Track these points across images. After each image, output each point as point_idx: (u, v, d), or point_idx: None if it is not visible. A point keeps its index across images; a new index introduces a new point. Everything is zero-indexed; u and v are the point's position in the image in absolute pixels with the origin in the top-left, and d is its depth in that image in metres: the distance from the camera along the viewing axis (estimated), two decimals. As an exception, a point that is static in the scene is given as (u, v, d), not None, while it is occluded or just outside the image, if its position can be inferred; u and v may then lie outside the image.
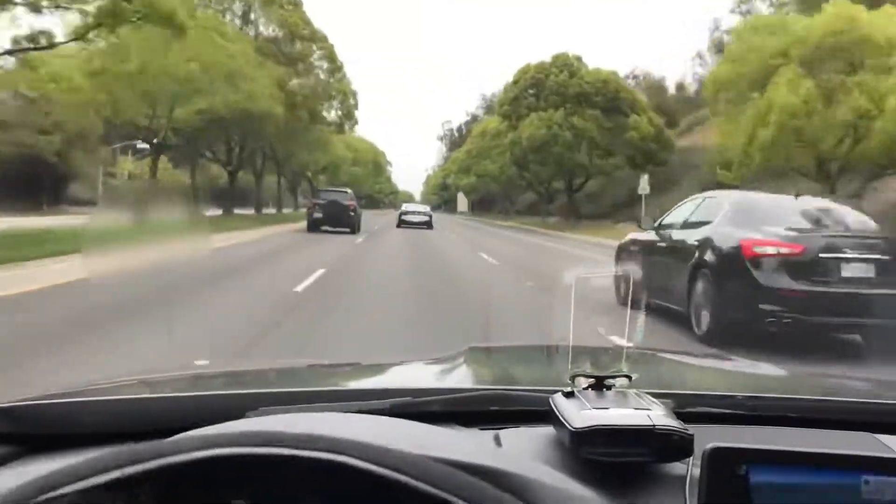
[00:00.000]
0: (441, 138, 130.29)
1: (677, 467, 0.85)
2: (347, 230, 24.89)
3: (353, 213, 25.79)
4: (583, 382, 0.94)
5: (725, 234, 6.86)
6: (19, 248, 12.17)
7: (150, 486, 0.64)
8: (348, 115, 42.37)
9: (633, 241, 9.20)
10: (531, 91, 45.91)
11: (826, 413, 1.12)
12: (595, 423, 0.83)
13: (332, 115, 41.33)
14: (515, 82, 47.11)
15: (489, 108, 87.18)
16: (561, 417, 0.87)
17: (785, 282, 6.24)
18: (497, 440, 0.96)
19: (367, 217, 35.18)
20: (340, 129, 43.16)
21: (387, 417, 0.89)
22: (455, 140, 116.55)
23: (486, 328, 6.84)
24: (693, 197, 8.80)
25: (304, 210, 48.24)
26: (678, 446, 0.83)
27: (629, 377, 0.94)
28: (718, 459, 0.75)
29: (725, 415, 1.10)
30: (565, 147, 43.30)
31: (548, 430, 0.92)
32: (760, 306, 6.23)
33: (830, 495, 0.73)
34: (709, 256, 6.89)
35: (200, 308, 8.00)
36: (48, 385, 1.32)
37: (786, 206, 7.19)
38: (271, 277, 11.73)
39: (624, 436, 0.82)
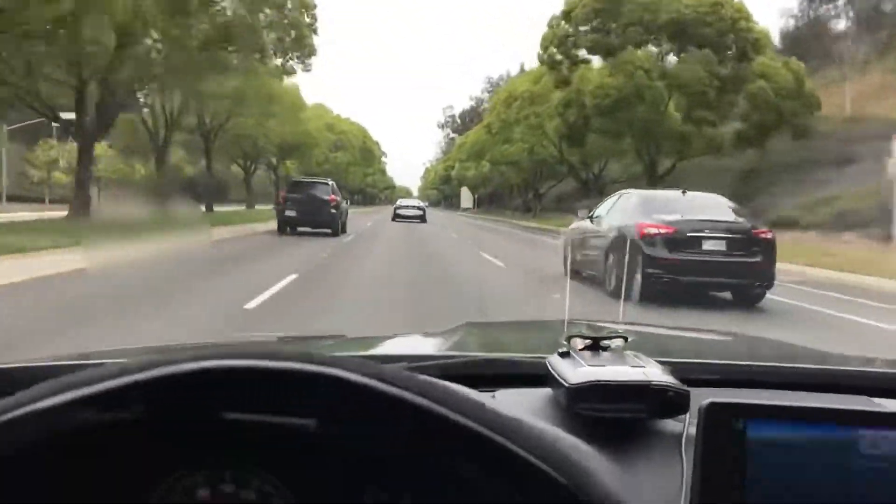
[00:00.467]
0: (442, 126, 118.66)
1: (673, 424, 0.84)
2: (328, 231, 20.88)
3: (334, 210, 21.13)
4: (579, 344, 0.93)
5: (629, 220, 9.63)
6: None
7: (137, 400, 0.63)
8: (299, 44, 24.66)
9: (575, 228, 11.91)
10: (594, 24, 30.07)
11: (824, 380, 1.11)
12: (590, 379, 0.82)
13: (269, 38, 23.75)
14: (568, 13, 31.15)
15: (495, 92, 73.10)
16: (556, 375, 0.87)
17: (664, 253, 9.06)
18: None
19: (351, 215, 26.59)
20: (285, 65, 25.37)
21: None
22: (458, 128, 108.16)
23: None
24: (616, 193, 11.56)
25: (259, 210, 34.22)
26: (674, 402, 0.82)
27: (625, 338, 0.94)
28: (715, 415, 0.73)
29: (722, 380, 1.08)
30: (654, 106, 27.54)
31: (544, 392, 0.92)
32: (647, 270, 8.98)
33: (827, 449, 0.73)
34: (618, 236, 9.67)
35: None
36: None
37: (675, 199, 10.05)
38: None
39: (619, 392, 0.82)
